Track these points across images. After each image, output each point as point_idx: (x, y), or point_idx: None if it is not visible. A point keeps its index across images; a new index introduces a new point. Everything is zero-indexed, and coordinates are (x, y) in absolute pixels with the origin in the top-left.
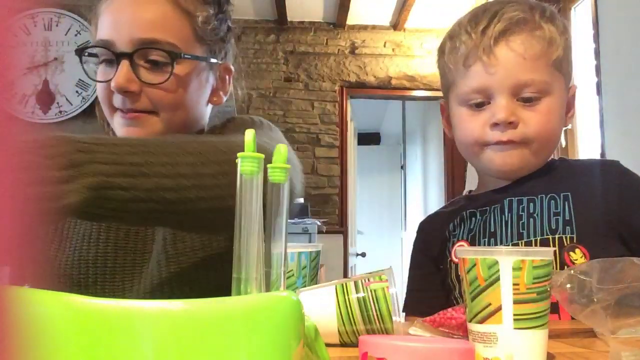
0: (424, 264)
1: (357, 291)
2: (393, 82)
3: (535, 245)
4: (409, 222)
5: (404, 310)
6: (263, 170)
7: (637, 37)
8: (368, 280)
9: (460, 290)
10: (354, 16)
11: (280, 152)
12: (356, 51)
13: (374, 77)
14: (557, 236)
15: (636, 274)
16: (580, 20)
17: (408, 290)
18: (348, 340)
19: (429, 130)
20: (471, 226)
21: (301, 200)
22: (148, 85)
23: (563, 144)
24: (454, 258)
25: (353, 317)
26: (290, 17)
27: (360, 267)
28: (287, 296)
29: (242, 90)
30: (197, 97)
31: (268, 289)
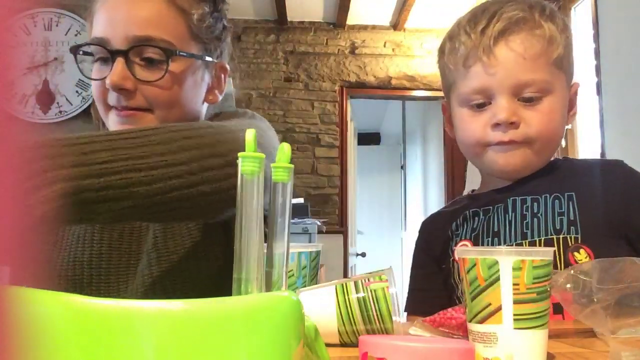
0: (426, 264)
1: (357, 291)
2: (393, 82)
3: (539, 245)
4: (409, 222)
5: (406, 309)
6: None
7: (637, 37)
8: (368, 280)
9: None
10: (354, 16)
11: (283, 152)
12: (356, 51)
13: (374, 77)
14: (562, 236)
15: (636, 274)
16: (580, 20)
17: (410, 289)
18: (348, 340)
19: (429, 130)
20: (474, 225)
21: (301, 200)
22: (143, 82)
23: (563, 144)
24: (457, 257)
25: (353, 317)
26: (290, 17)
27: (360, 267)
28: (288, 296)
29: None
30: (193, 95)
31: (269, 289)
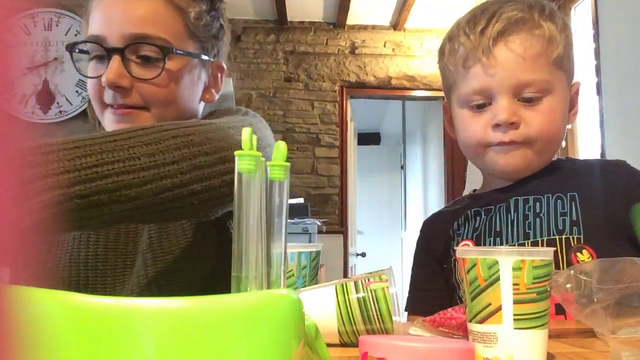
0: (428, 263)
1: (357, 291)
2: (393, 82)
3: (542, 245)
4: (409, 222)
5: (406, 309)
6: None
7: (637, 37)
8: (368, 280)
9: None
10: (354, 16)
11: (279, 150)
12: (356, 51)
13: (374, 77)
14: (564, 237)
15: (636, 274)
16: (580, 20)
17: (411, 289)
18: (348, 340)
19: (429, 130)
20: (476, 225)
21: (301, 200)
22: (139, 80)
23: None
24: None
25: (353, 317)
26: (290, 17)
27: (360, 267)
28: (287, 294)
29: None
30: (189, 94)
31: (268, 288)
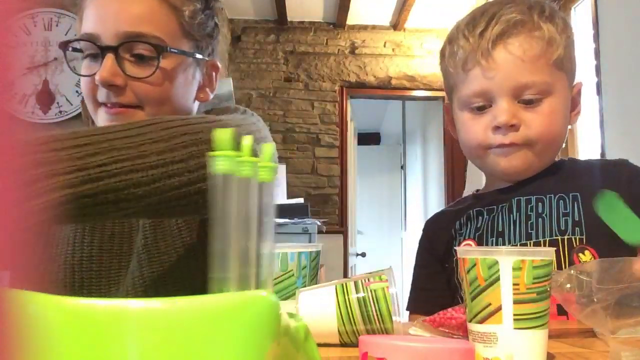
0: (430, 263)
1: (357, 291)
2: (393, 82)
3: (544, 246)
4: (409, 222)
5: (408, 308)
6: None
7: (637, 37)
8: (368, 280)
9: None
10: (354, 16)
11: (265, 151)
12: (356, 51)
13: (374, 77)
14: (567, 237)
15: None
16: (580, 20)
17: (412, 288)
18: (348, 340)
19: (429, 130)
20: (478, 225)
21: (301, 200)
22: (133, 79)
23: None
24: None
25: (353, 317)
26: (290, 17)
27: (360, 267)
28: (264, 296)
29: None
30: (184, 93)
31: (257, 289)
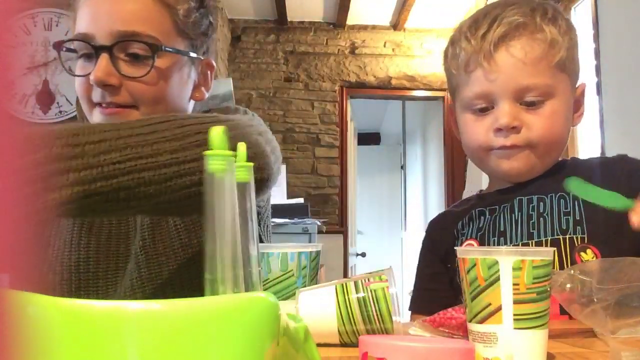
0: (432, 263)
1: (357, 291)
2: (393, 82)
3: (546, 245)
4: (409, 222)
5: (411, 308)
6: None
7: (637, 37)
8: (368, 280)
9: None
10: (354, 16)
11: (239, 152)
12: (356, 51)
13: (374, 77)
14: (568, 236)
15: (636, 274)
16: (580, 20)
17: (415, 288)
18: (348, 340)
19: (429, 130)
20: (480, 225)
21: (301, 200)
22: (128, 78)
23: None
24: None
25: (353, 317)
26: (290, 17)
27: (360, 267)
28: (263, 297)
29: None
30: (179, 92)
31: (251, 289)
